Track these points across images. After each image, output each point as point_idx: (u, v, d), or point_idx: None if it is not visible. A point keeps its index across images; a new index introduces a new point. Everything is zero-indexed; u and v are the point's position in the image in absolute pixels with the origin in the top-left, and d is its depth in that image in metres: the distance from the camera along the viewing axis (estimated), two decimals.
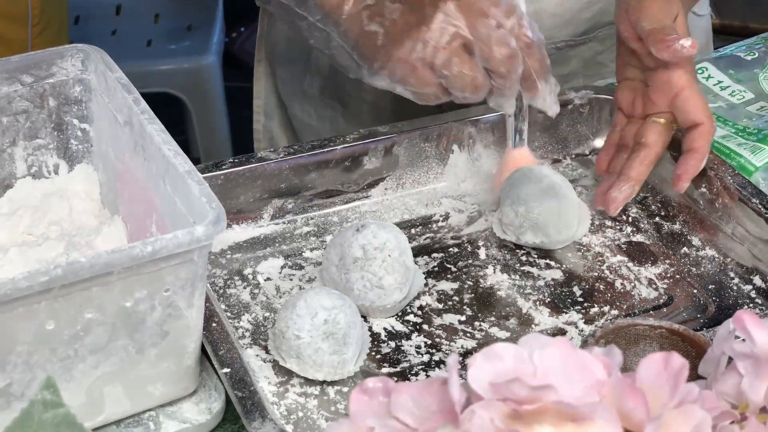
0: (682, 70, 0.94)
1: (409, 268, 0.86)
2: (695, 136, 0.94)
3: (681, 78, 0.94)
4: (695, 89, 0.95)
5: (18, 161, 0.85)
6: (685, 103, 0.94)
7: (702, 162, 0.94)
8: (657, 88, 0.95)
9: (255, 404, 0.73)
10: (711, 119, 0.94)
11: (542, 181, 0.92)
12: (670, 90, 0.94)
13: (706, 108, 0.95)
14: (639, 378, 0.52)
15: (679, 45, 0.91)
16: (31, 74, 0.83)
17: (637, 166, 0.95)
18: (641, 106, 0.97)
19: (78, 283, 0.64)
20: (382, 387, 0.51)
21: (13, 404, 0.67)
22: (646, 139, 0.96)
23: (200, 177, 0.71)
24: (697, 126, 0.94)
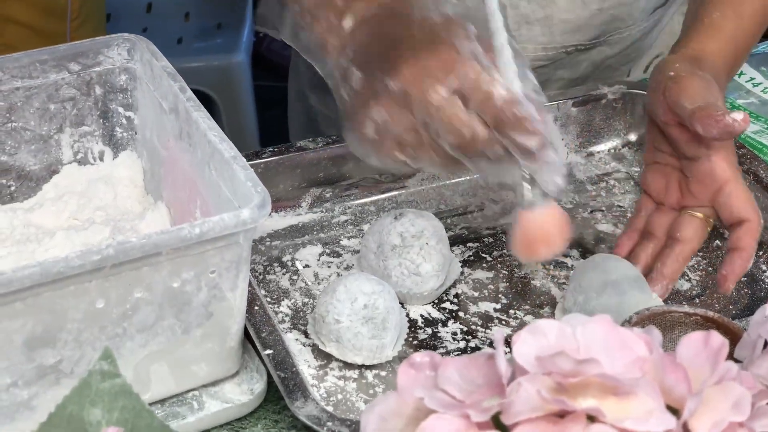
0: (726, 163, 0.88)
1: (446, 256, 0.87)
2: (741, 234, 0.87)
3: (725, 171, 0.88)
4: (740, 183, 0.88)
5: (65, 147, 0.87)
6: (730, 198, 0.87)
7: (749, 262, 0.87)
8: (698, 181, 0.89)
9: (297, 385, 0.75)
10: (758, 215, 0.88)
11: (610, 273, 0.84)
12: (712, 183, 0.88)
13: (753, 203, 0.88)
14: (679, 356, 0.53)
15: (729, 119, 0.83)
16: (79, 62, 0.85)
17: (671, 264, 0.88)
18: (676, 196, 0.91)
19: (128, 262, 0.65)
20: (429, 361, 0.53)
21: (63, 381, 0.68)
22: (683, 234, 0.89)
23: (245, 162, 0.72)
24: (743, 223, 0.87)
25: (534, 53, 1.14)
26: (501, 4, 0.74)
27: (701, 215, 0.90)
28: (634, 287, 0.84)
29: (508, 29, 0.76)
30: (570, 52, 1.13)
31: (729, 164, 0.88)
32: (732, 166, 0.88)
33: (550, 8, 1.10)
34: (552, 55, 1.14)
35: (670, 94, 0.88)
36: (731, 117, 0.84)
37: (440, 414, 0.50)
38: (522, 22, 1.12)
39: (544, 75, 1.15)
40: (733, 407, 0.51)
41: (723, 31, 0.95)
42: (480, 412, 0.49)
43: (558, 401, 0.48)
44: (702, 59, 0.91)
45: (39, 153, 0.87)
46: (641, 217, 0.93)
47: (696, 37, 0.94)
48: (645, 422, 0.48)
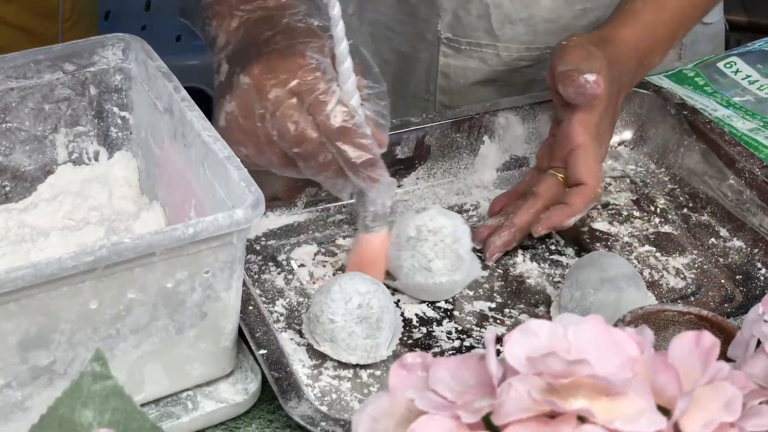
0: (582, 128, 0.93)
1: (462, 257, 0.87)
2: (574, 193, 0.92)
3: (579, 136, 0.93)
4: (590, 150, 0.93)
5: (59, 148, 0.87)
6: (576, 161, 0.93)
7: (570, 218, 0.92)
8: (558, 142, 0.95)
9: (291, 385, 0.75)
10: (597, 182, 0.92)
11: (607, 270, 0.85)
12: (567, 144, 0.93)
13: (594, 170, 0.93)
14: (670, 356, 0.53)
15: (582, 79, 0.90)
16: (73, 62, 0.85)
17: (521, 214, 0.93)
18: (547, 160, 0.96)
19: (122, 263, 0.65)
20: (420, 362, 0.53)
21: (56, 382, 0.68)
22: (537, 189, 0.94)
23: (239, 162, 0.72)
24: (580, 185, 0.92)
25: (518, 53, 1.14)
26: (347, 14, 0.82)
27: (560, 176, 0.95)
28: (631, 284, 0.85)
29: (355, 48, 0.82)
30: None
31: (585, 130, 0.93)
32: (587, 133, 0.93)
33: (533, 8, 1.10)
34: (536, 55, 1.14)
35: (552, 59, 0.94)
36: (584, 78, 0.90)
37: (431, 415, 0.50)
38: (505, 22, 1.12)
39: (529, 75, 1.16)
40: (725, 407, 0.51)
41: (640, 20, 0.98)
42: (471, 413, 0.49)
43: (548, 402, 0.48)
44: (609, 42, 0.96)
45: (34, 153, 0.87)
46: (523, 182, 0.98)
47: (611, 23, 0.99)
48: (635, 423, 0.48)
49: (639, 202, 1.01)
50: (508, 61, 1.15)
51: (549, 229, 0.93)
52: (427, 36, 1.17)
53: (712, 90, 1.15)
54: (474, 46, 1.15)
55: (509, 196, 0.97)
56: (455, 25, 1.15)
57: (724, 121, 1.09)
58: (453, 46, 1.16)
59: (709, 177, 1.01)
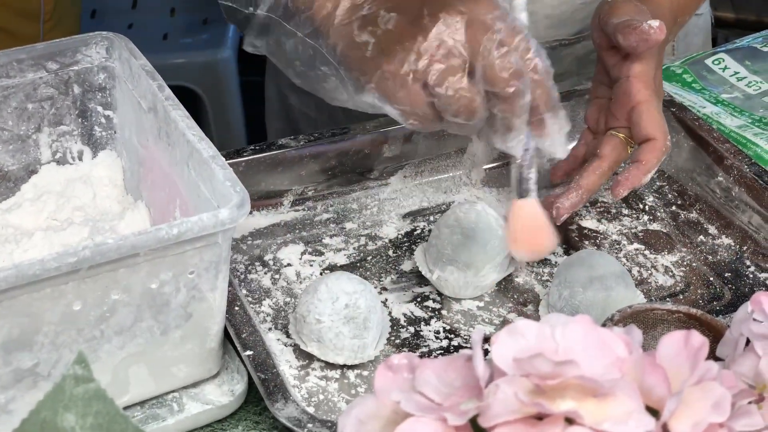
0: (642, 84, 0.92)
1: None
2: (645, 149, 0.92)
3: (640, 92, 0.92)
4: (653, 104, 0.92)
5: (43, 147, 0.86)
6: (640, 117, 0.91)
7: (646, 175, 0.92)
8: (617, 101, 0.93)
9: (277, 386, 0.74)
10: (665, 136, 0.92)
11: (596, 268, 0.85)
12: (628, 102, 0.92)
13: (661, 124, 0.92)
14: (659, 356, 0.53)
15: (646, 25, 0.88)
16: (56, 61, 0.84)
17: (587, 176, 0.92)
18: (604, 120, 0.96)
19: (105, 264, 0.65)
20: (406, 363, 0.52)
21: (40, 384, 0.68)
22: (601, 150, 0.93)
23: (224, 161, 0.72)
24: (649, 141, 0.92)
25: None
26: None
27: (622, 135, 0.93)
28: (620, 283, 0.84)
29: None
30: (554, 47, 1.13)
31: (645, 86, 0.92)
32: (648, 88, 0.92)
33: (535, 4, 1.09)
34: None
35: (603, 14, 0.93)
36: (648, 24, 0.88)
37: (417, 417, 0.49)
38: None
39: None
40: (713, 407, 0.51)
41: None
42: (457, 415, 0.49)
43: (536, 404, 0.47)
44: (646, 2, 0.95)
45: (17, 153, 0.86)
46: (581, 146, 0.97)
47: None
48: (624, 424, 0.48)
49: (627, 200, 1.01)
50: None
51: (629, 189, 0.92)
52: None
53: (701, 87, 1.15)
54: None
55: (568, 163, 0.97)
56: None
57: (712, 118, 1.09)
58: None
59: (697, 174, 1.00)
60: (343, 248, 0.93)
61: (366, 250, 0.93)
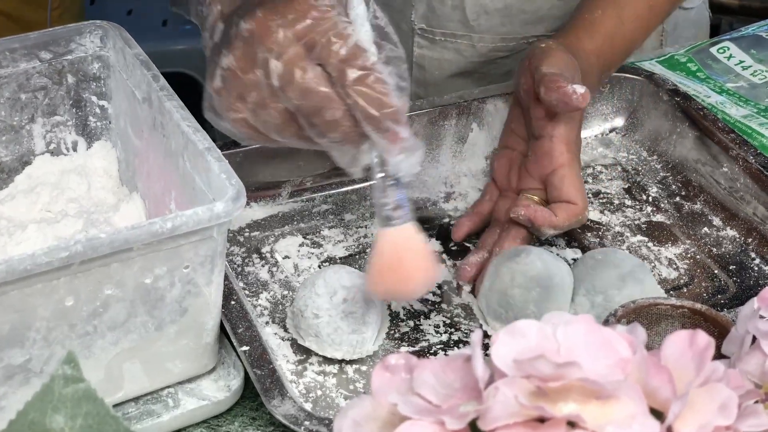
0: (565, 146, 0.88)
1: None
2: (562, 208, 0.87)
3: (563, 155, 0.87)
4: (574, 169, 0.88)
5: (37, 138, 0.85)
6: (562, 181, 0.87)
7: (549, 229, 0.87)
8: (536, 160, 0.89)
9: (274, 382, 0.73)
10: (585, 204, 0.88)
11: (620, 265, 0.82)
12: (549, 165, 0.88)
13: (581, 191, 0.88)
14: (663, 356, 0.51)
15: (570, 88, 0.83)
16: (50, 51, 0.83)
17: (509, 244, 0.87)
18: (516, 180, 0.91)
19: (97, 259, 0.63)
20: (404, 364, 0.51)
21: (32, 380, 0.67)
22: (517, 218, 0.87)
23: (220, 154, 0.70)
24: (569, 203, 0.87)
25: (493, 44, 1.12)
26: None
27: (537, 198, 0.89)
28: (646, 272, 0.83)
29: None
30: (531, 43, 1.11)
31: (567, 149, 0.88)
32: (570, 151, 0.88)
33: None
34: (513, 46, 1.12)
35: (534, 59, 0.88)
36: (572, 87, 0.84)
37: (415, 420, 0.48)
38: (481, 12, 1.10)
39: (506, 66, 1.14)
40: (720, 410, 0.49)
41: (601, 31, 0.94)
42: (456, 418, 0.47)
43: (537, 407, 0.46)
44: (576, 54, 0.91)
45: (10, 144, 0.84)
46: (485, 202, 0.93)
47: (574, 33, 0.94)
48: (627, 428, 0.47)
49: (631, 191, 0.99)
50: (484, 53, 1.13)
51: (525, 218, 0.86)
52: (402, 27, 1.14)
53: (705, 76, 1.13)
54: (449, 37, 1.13)
55: (472, 218, 0.92)
56: (429, 16, 1.13)
57: (717, 107, 1.08)
58: (427, 37, 1.14)
59: (702, 165, 0.99)
60: (342, 240, 0.92)
61: (365, 242, 0.92)
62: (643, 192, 0.99)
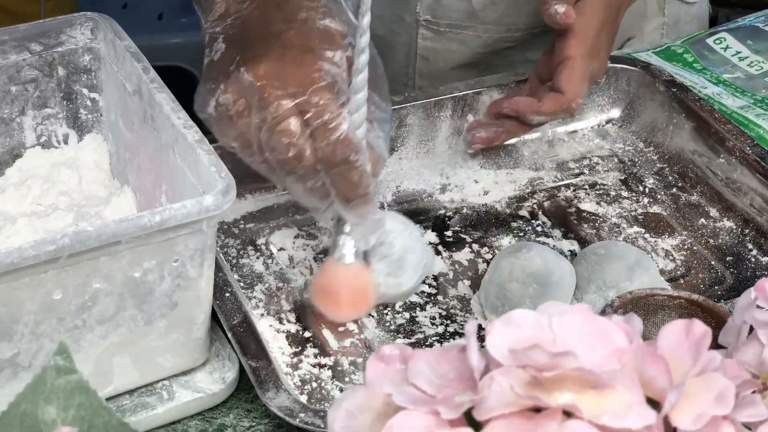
0: (576, 40, 0.92)
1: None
2: (549, 96, 0.93)
3: (571, 48, 0.92)
4: (577, 63, 0.92)
5: (27, 131, 0.84)
6: (561, 71, 0.92)
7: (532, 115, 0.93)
8: (552, 51, 0.95)
9: (269, 374, 0.72)
10: (575, 95, 0.92)
11: (625, 257, 0.82)
12: (558, 55, 0.93)
13: (577, 84, 0.92)
14: (660, 346, 0.51)
15: (552, 9, 0.91)
16: (40, 43, 0.82)
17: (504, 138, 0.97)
18: (547, 71, 0.96)
19: (85, 252, 0.63)
20: (398, 354, 0.50)
21: (21, 374, 0.66)
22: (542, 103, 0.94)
23: (210, 146, 0.70)
24: (558, 92, 0.92)
25: (498, 34, 1.11)
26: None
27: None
28: (649, 261, 0.84)
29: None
30: (537, 34, 1.11)
31: (578, 43, 0.92)
32: (582, 46, 0.92)
33: None
34: (518, 37, 1.11)
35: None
36: (554, 8, 0.91)
37: (409, 410, 0.47)
38: (487, 2, 1.09)
39: (511, 57, 1.13)
40: (716, 400, 0.49)
41: None
42: (451, 408, 0.46)
43: (532, 397, 0.45)
44: None
45: (1, 137, 0.84)
46: (524, 90, 0.98)
47: None
48: (624, 418, 0.46)
49: (627, 182, 0.99)
50: (490, 43, 1.13)
51: (509, 111, 0.94)
52: (406, 18, 1.14)
53: (702, 67, 1.12)
54: (454, 27, 1.12)
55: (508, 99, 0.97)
56: (435, 7, 1.12)
57: (713, 98, 1.07)
58: (432, 28, 1.13)
59: (698, 156, 0.98)
60: None
61: None
62: (639, 183, 0.99)
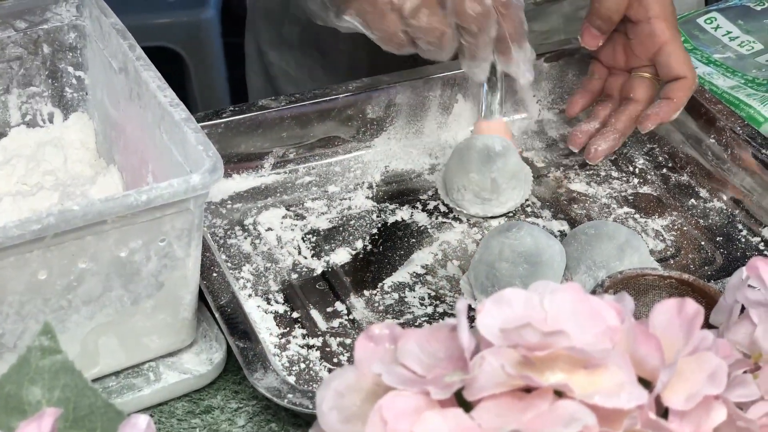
0: (665, 24, 0.93)
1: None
2: (676, 86, 0.93)
3: (664, 32, 0.93)
4: (678, 43, 0.94)
5: (12, 109, 0.83)
6: (669, 57, 0.93)
7: (676, 112, 0.94)
8: (640, 42, 0.94)
9: (257, 355, 0.72)
10: (694, 73, 0.94)
11: (616, 236, 0.82)
12: (653, 44, 0.93)
13: (689, 62, 0.94)
14: (652, 325, 0.50)
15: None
16: (25, 20, 0.81)
17: (625, 120, 0.95)
18: (623, 59, 0.97)
19: (71, 231, 0.62)
20: (388, 333, 0.49)
21: (5, 355, 0.65)
22: (634, 94, 0.95)
23: (197, 125, 0.69)
24: (679, 79, 0.93)
25: None
26: None
27: (649, 75, 0.96)
28: (639, 240, 0.83)
29: None
30: (539, 3, 1.10)
31: (668, 26, 0.93)
32: (671, 27, 0.94)
33: None
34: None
35: None
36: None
37: (399, 390, 0.47)
38: None
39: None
40: (709, 379, 0.48)
41: None
42: (441, 388, 0.46)
43: (524, 376, 0.45)
44: None
45: None
46: (595, 80, 0.99)
47: None
48: (616, 397, 0.45)
49: (617, 162, 0.98)
50: None
51: (658, 124, 0.93)
52: None
53: (692, 46, 1.12)
54: None
55: (584, 95, 0.99)
56: None
57: (704, 78, 1.06)
58: None
59: (689, 136, 0.98)
60: (325, 212, 0.91)
61: (349, 214, 0.91)
62: (629, 163, 0.98)
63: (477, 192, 0.88)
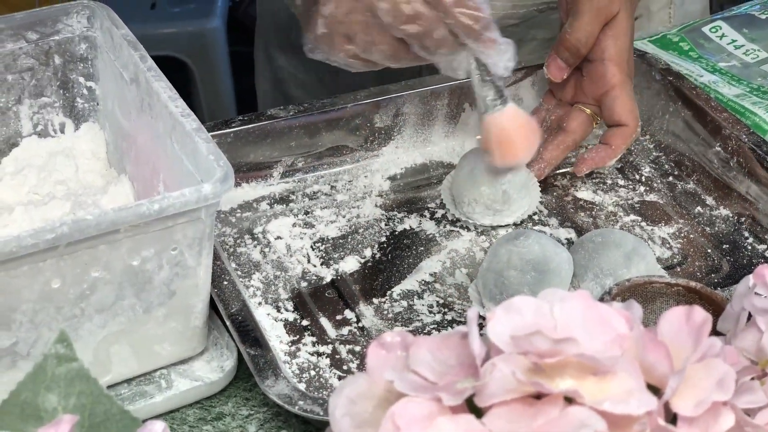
0: (617, 68, 0.93)
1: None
2: (617, 133, 0.94)
3: (615, 76, 0.92)
4: (627, 90, 0.93)
5: (24, 120, 0.84)
6: (614, 101, 0.93)
7: (613, 159, 0.94)
8: (591, 81, 0.94)
9: (268, 362, 0.72)
10: (636, 122, 0.94)
11: (623, 244, 0.82)
12: (602, 85, 0.93)
13: (633, 110, 0.94)
14: (660, 332, 0.51)
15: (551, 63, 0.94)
16: (36, 31, 0.82)
17: (552, 150, 0.95)
18: (572, 93, 0.97)
19: (84, 241, 0.62)
20: (400, 341, 0.50)
21: (19, 363, 0.66)
22: (567, 125, 0.95)
23: (207, 135, 0.69)
24: (621, 126, 0.93)
25: (504, 11, 1.11)
26: None
27: (589, 111, 0.96)
28: (646, 248, 0.84)
29: None
30: (542, 10, 1.10)
31: (620, 69, 0.93)
32: (622, 71, 0.93)
33: None
34: (523, 14, 1.11)
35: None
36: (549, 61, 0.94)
37: (411, 397, 0.47)
38: None
39: (517, 35, 1.12)
40: (717, 385, 0.49)
41: None
42: (453, 395, 0.47)
43: (534, 383, 0.45)
44: None
45: None
46: (542, 110, 0.98)
47: None
48: (625, 403, 0.46)
49: (624, 170, 0.99)
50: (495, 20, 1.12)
51: (592, 169, 0.95)
52: None
53: (698, 55, 1.12)
54: None
55: None
56: None
57: (710, 86, 1.07)
58: None
59: (695, 144, 0.98)
60: (334, 220, 0.91)
61: (357, 222, 0.91)
62: (636, 171, 0.99)
63: (489, 204, 0.89)
